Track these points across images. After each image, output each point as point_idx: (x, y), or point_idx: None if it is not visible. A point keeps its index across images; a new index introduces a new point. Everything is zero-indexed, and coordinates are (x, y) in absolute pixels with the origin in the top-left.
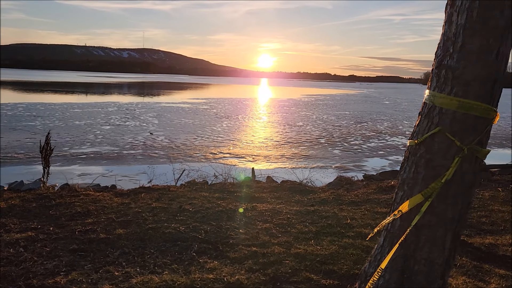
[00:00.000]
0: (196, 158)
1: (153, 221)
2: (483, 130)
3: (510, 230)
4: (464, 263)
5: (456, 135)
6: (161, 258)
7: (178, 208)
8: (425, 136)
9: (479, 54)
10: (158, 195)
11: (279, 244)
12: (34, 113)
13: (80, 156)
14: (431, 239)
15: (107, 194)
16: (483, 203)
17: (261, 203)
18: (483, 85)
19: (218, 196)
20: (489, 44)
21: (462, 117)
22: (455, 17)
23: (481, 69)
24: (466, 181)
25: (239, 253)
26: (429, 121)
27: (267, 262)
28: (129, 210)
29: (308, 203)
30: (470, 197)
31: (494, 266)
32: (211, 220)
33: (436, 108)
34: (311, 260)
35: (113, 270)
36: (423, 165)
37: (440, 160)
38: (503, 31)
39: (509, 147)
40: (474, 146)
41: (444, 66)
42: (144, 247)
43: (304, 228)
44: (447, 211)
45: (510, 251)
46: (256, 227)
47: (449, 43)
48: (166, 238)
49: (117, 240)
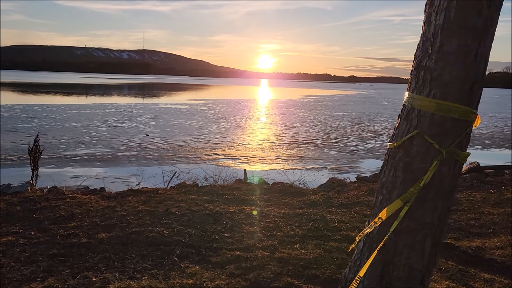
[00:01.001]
0: (191, 159)
1: (137, 225)
2: (462, 132)
3: (499, 232)
4: (450, 267)
5: (435, 138)
6: (142, 263)
7: (164, 212)
8: (403, 139)
9: (457, 55)
10: (146, 198)
11: (263, 248)
12: (31, 114)
13: (74, 158)
14: (410, 244)
15: (94, 197)
16: (474, 205)
17: (249, 206)
18: (462, 86)
19: (207, 198)
20: (467, 45)
21: (441, 119)
22: (434, 18)
23: (459, 70)
24: (446, 185)
25: (221, 258)
26: (408, 124)
27: (250, 266)
28: (114, 214)
29: (297, 206)
30: (450, 201)
31: (479, 270)
32: (197, 223)
33: (414, 111)
34: (295, 265)
35: (91, 275)
36: (402, 168)
37: (418, 164)
38: (481, 31)
39: (506, 147)
40: (453, 149)
41: (423, 68)
42: (126, 252)
43: (291, 232)
44: (426, 216)
45: (497, 255)
46: (242, 230)
47: (428, 44)
48: (149, 242)
49: (98, 245)
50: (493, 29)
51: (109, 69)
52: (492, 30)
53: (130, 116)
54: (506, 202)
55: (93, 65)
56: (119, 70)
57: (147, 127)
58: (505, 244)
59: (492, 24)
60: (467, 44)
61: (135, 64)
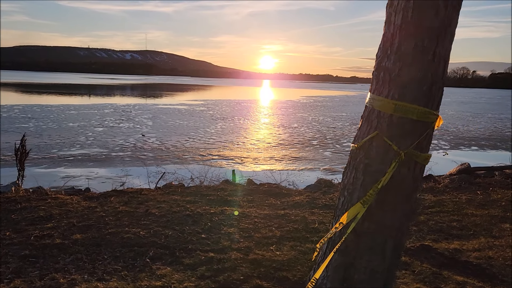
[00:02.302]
0: (184, 160)
1: (115, 226)
2: (421, 134)
3: (479, 234)
4: (423, 270)
5: (394, 139)
6: (113, 264)
7: (144, 212)
8: (364, 140)
9: (415, 56)
10: (128, 199)
11: (238, 250)
12: (29, 115)
13: (67, 158)
14: (371, 247)
15: (76, 198)
16: (458, 206)
17: (231, 207)
18: (420, 87)
19: (190, 199)
20: (424, 45)
21: (399, 120)
22: (393, 18)
23: (417, 71)
24: (406, 187)
25: (194, 259)
26: (369, 125)
27: (221, 268)
28: (93, 214)
29: (279, 207)
30: (411, 203)
31: (454, 273)
32: (175, 224)
33: (375, 111)
34: (267, 267)
35: (59, 277)
36: (362, 170)
37: (378, 165)
38: (438, 31)
39: (503, 148)
40: (412, 151)
41: (382, 68)
42: (99, 253)
43: (269, 233)
44: (386, 218)
45: (473, 257)
46: (219, 231)
47: (387, 44)
48: (123, 244)
49: (72, 246)
50: (451, 29)
51: (112, 69)
52: (450, 30)
53: (128, 117)
54: (491, 204)
55: (96, 66)
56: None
57: (144, 127)
58: (483, 246)
59: (450, 24)
60: (424, 44)
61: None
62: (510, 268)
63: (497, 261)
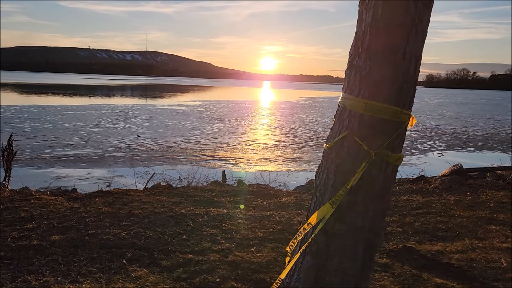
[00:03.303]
0: (177, 160)
1: (95, 227)
2: (393, 133)
3: (464, 236)
4: (404, 272)
5: (364, 139)
6: (89, 266)
7: (126, 213)
8: (335, 140)
9: (385, 54)
10: (113, 200)
11: (218, 251)
12: (26, 115)
13: (60, 158)
14: (341, 249)
15: (60, 198)
16: (446, 207)
17: (216, 208)
18: (390, 86)
19: (175, 200)
20: (394, 44)
21: (370, 120)
22: (364, 15)
23: (387, 69)
24: (377, 188)
25: (172, 261)
26: (340, 124)
27: (198, 270)
28: (75, 215)
29: (265, 208)
30: (383, 204)
31: (434, 275)
32: (157, 225)
33: (346, 111)
34: (245, 269)
35: (31, 279)
36: (333, 170)
37: (349, 166)
38: (409, 29)
39: (499, 149)
40: (383, 151)
41: (354, 67)
42: (75, 255)
43: (251, 234)
44: (357, 219)
45: (455, 259)
46: (201, 233)
47: (359, 43)
48: (101, 245)
49: (49, 247)
50: (423, 27)
51: (112, 70)
52: (421, 28)
53: (124, 117)
54: (479, 205)
55: (97, 66)
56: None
57: (140, 128)
58: (466, 248)
59: (421, 22)
60: (394, 42)
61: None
62: (492, 270)
63: (479, 263)
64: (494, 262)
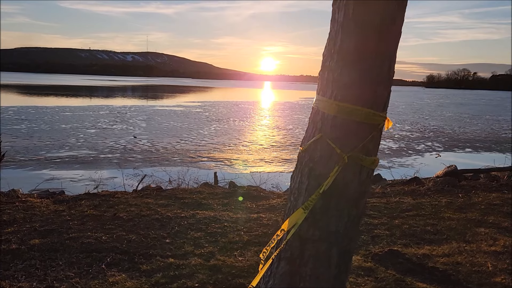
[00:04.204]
0: (172, 162)
1: (77, 230)
2: (366, 136)
3: (452, 239)
4: (387, 276)
5: (337, 141)
6: (67, 270)
7: (111, 216)
8: (309, 143)
9: (357, 55)
10: (99, 202)
11: (200, 255)
12: (23, 116)
13: (54, 160)
14: (315, 254)
15: (46, 201)
16: (436, 210)
17: (203, 210)
18: (363, 88)
19: (163, 203)
20: (366, 44)
21: (343, 122)
22: (336, 15)
23: (359, 70)
24: (351, 192)
25: (152, 265)
26: (314, 127)
27: (178, 275)
28: (58, 218)
29: (254, 210)
30: (358, 209)
31: (418, 279)
32: (141, 229)
33: (319, 113)
34: (225, 273)
35: (6, 284)
36: (307, 174)
37: (322, 169)
38: (381, 29)
39: (497, 150)
40: (357, 154)
41: (327, 68)
42: (54, 259)
43: (236, 237)
44: (330, 224)
45: (441, 263)
46: (185, 236)
47: (331, 44)
48: (82, 249)
49: (27, 251)
50: (396, 28)
51: (113, 71)
52: (394, 28)
53: (122, 118)
54: (470, 207)
55: (97, 67)
56: (123, 72)
57: (137, 129)
58: (453, 251)
59: (394, 22)
60: (366, 43)
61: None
62: (477, 275)
63: (464, 267)
64: (480, 266)
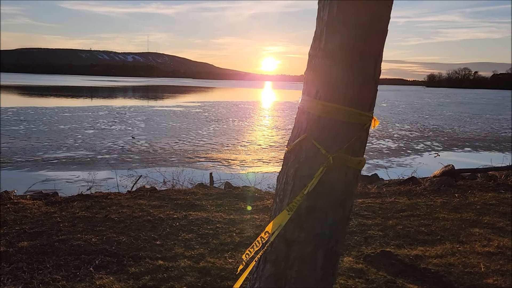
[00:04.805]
0: (169, 162)
1: (67, 232)
2: (352, 136)
3: (445, 240)
4: (378, 278)
5: (323, 142)
6: (54, 273)
7: (102, 218)
8: (294, 144)
9: (342, 54)
10: (91, 203)
11: (190, 257)
12: (22, 117)
13: (51, 161)
14: (300, 257)
15: (38, 203)
16: (431, 210)
17: (196, 212)
18: (348, 87)
19: (156, 204)
20: (350, 43)
21: (328, 122)
22: (321, 13)
23: (344, 70)
24: (337, 193)
25: (141, 268)
26: (299, 127)
27: (166, 277)
28: (49, 220)
29: (247, 211)
30: (345, 210)
31: (409, 281)
32: (132, 230)
33: (305, 113)
34: (214, 276)
35: None
36: (292, 175)
37: (307, 170)
38: (366, 28)
39: (496, 149)
40: (342, 155)
41: (312, 67)
42: (42, 262)
43: (227, 239)
44: (316, 226)
45: (433, 264)
46: (176, 238)
47: (317, 42)
48: (71, 251)
49: (15, 254)
50: (382, 26)
51: (114, 71)
52: (380, 27)
53: (121, 119)
54: (465, 207)
55: (98, 68)
56: (124, 72)
57: (135, 129)
58: (446, 252)
59: (380, 21)
60: (351, 42)
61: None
62: (469, 276)
63: (457, 268)
64: (472, 267)
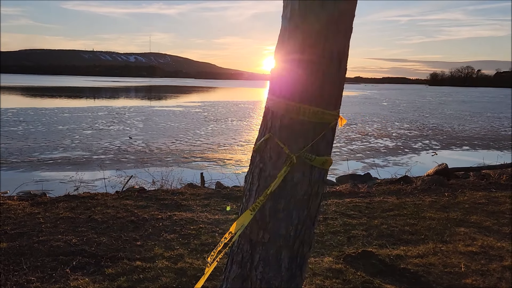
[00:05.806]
0: (164, 162)
1: (48, 233)
2: (316, 135)
3: (429, 239)
4: (355, 278)
5: (286, 141)
6: (29, 275)
7: (85, 219)
8: (259, 143)
9: (304, 52)
10: (77, 204)
11: (168, 258)
12: (21, 118)
13: (46, 161)
14: (265, 258)
15: (24, 203)
16: (418, 209)
17: (181, 212)
18: (311, 86)
19: (141, 204)
20: (312, 41)
21: (291, 121)
22: (285, 11)
23: (307, 68)
24: (301, 193)
25: (118, 269)
26: (265, 127)
27: (142, 278)
28: (32, 221)
29: (233, 211)
30: (310, 210)
31: (387, 281)
32: (114, 231)
33: (270, 112)
34: (191, 276)
35: None
36: (257, 175)
37: (271, 170)
38: (326, 25)
39: (494, 148)
40: (306, 154)
41: (276, 66)
42: (19, 263)
43: (209, 239)
44: (280, 227)
45: (413, 264)
46: (158, 238)
47: (280, 41)
48: (49, 252)
49: None
50: (344, 24)
51: (116, 72)
52: (344, 24)
53: (120, 119)
54: (453, 206)
55: (100, 69)
56: (126, 73)
57: (133, 129)
58: (428, 252)
59: (342, 18)
60: (313, 40)
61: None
62: (448, 276)
63: (437, 268)
64: (452, 267)
